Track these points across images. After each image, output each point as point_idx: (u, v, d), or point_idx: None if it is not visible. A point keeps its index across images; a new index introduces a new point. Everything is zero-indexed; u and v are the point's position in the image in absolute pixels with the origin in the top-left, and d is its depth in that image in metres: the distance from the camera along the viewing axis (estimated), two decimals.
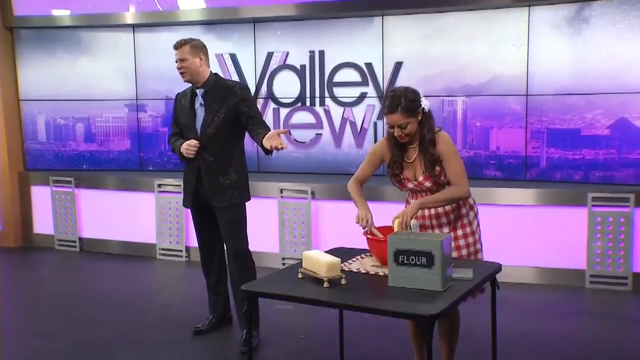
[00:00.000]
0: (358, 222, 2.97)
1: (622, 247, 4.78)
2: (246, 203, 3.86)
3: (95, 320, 4.29)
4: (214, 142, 3.73)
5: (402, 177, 3.03)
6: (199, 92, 3.79)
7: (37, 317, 4.44)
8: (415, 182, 3.01)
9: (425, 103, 2.95)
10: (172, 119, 4.02)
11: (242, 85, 3.92)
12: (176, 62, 3.75)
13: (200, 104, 3.79)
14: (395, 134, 2.95)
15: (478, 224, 3.12)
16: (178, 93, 4.01)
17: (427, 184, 2.99)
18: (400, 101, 2.89)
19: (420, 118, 2.94)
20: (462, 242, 3.03)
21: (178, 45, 3.76)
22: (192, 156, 3.73)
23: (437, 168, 2.96)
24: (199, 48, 3.77)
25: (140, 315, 4.41)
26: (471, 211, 3.09)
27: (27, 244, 6.61)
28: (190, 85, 3.84)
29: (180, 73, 3.77)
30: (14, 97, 6.51)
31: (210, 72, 3.82)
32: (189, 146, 3.72)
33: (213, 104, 3.74)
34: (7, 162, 6.45)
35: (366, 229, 2.95)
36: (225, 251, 3.88)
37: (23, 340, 4.00)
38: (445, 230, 3.02)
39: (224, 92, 3.75)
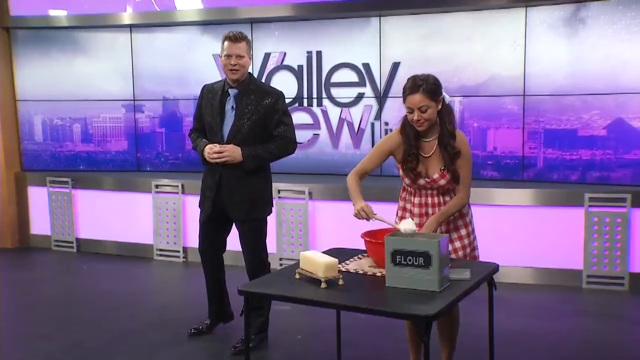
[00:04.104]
0: (358, 217, 2.89)
1: (619, 248, 4.79)
2: (268, 215, 3.72)
3: (92, 321, 4.28)
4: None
5: (418, 171, 2.94)
6: (232, 92, 3.54)
7: (34, 318, 4.43)
8: (428, 179, 2.94)
9: (445, 95, 2.92)
10: (195, 112, 3.77)
11: (279, 93, 3.63)
12: (228, 56, 3.45)
13: (232, 107, 3.54)
14: (414, 119, 2.86)
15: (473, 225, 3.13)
16: (205, 85, 3.74)
17: (442, 181, 2.93)
18: (423, 83, 2.85)
19: (440, 108, 2.89)
20: (465, 241, 3.03)
21: (237, 39, 3.46)
22: (216, 162, 3.53)
23: (454, 163, 2.90)
24: (251, 46, 3.56)
25: (137, 316, 4.40)
26: (470, 211, 3.09)
27: (24, 244, 6.59)
28: (219, 80, 3.61)
29: (233, 70, 3.47)
30: (11, 97, 6.50)
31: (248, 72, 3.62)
32: (212, 152, 3.52)
33: (245, 108, 3.51)
34: (3, 162, 6.43)
35: (369, 219, 2.87)
36: (245, 263, 3.76)
37: (20, 342, 3.99)
38: (453, 233, 3.01)
39: (258, 97, 3.53)
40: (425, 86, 2.84)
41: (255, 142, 3.54)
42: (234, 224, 3.78)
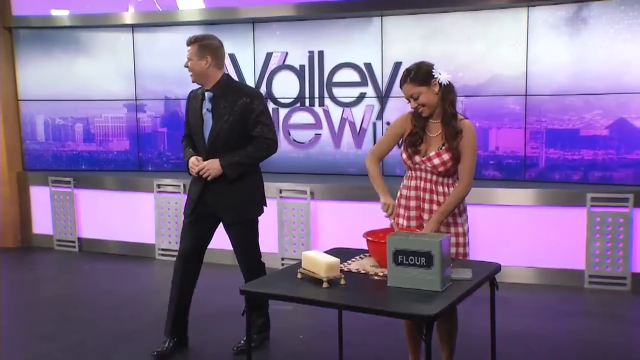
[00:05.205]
0: (383, 209, 2.98)
1: (621, 248, 4.78)
2: (259, 216, 3.67)
3: (93, 321, 4.29)
4: (222, 152, 3.49)
5: (418, 149, 3.02)
6: (207, 95, 3.53)
7: (36, 318, 4.43)
8: (424, 157, 3.00)
9: (443, 76, 2.96)
10: (184, 118, 3.77)
11: (255, 93, 3.64)
12: None
13: (208, 109, 3.53)
14: (411, 107, 3.01)
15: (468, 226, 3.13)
16: (191, 91, 3.73)
17: (436, 160, 2.98)
18: (410, 73, 2.99)
19: (437, 90, 2.97)
20: (453, 240, 3.01)
21: (187, 43, 3.51)
22: (195, 174, 3.52)
23: (457, 140, 2.97)
24: (208, 49, 3.47)
25: (139, 316, 4.40)
26: (464, 212, 3.09)
27: (26, 244, 6.60)
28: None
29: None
30: (13, 97, 6.51)
31: (223, 74, 3.56)
32: (194, 165, 3.51)
33: (222, 111, 3.48)
34: (5, 162, 6.44)
35: (390, 217, 2.97)
36: (238, 264, 3.72)
37: (21, 342, 3.99)
38: (443, 229, 3.00)
39: (234, 98, 3.48)
40: (413, 75, 2.98)
41: (237, 144, 3.50)
42: (219, 229, 3.71)
